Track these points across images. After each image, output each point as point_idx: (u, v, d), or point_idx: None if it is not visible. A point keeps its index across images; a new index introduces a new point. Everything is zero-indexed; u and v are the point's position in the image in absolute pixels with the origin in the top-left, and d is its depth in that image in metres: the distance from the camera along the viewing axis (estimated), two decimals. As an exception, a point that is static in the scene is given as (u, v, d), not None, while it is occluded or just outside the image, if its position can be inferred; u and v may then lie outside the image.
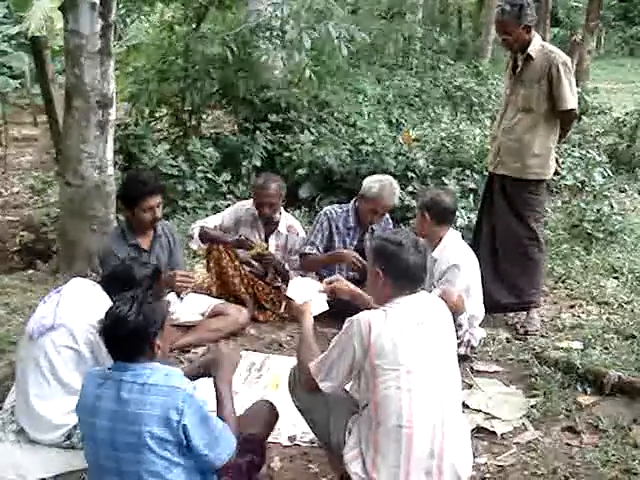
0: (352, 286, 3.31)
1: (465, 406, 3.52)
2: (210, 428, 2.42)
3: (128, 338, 2.39)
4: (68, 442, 3.03)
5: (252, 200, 4.95)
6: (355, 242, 4.87)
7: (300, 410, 2.94)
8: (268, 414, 2.92)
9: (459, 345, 3.84)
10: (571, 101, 4.39)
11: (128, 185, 4.24)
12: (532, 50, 4.40)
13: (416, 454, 2.54)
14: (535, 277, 4.66)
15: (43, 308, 3.12)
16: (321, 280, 3.52)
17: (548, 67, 4.35)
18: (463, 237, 4.42)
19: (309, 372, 2.74)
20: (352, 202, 4.90)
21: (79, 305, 3.08)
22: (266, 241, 4.96)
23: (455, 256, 4.11)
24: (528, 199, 4.58)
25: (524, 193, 4.57)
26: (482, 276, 4.34)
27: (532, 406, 3.67)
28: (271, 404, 2.97)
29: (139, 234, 4.23)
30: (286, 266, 4.95)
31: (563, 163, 6.57)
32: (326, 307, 3.15)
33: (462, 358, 3.59)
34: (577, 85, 5.12)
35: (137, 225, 4.19)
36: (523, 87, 4.46)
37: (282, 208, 5.04)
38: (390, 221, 5.04)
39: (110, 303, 3.11)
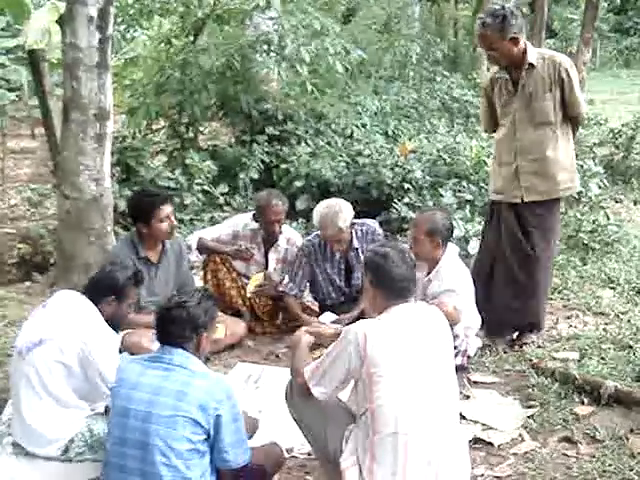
0: (332, 329, 3.28)
1: (462, 417, 3.52)
2: (238, 427, 2.60)
3: (182, 321, 2.61)
4: (65, 456, 3.01)
5: (251, 216, 4.94)
6: (342, 265, 4.70)
7: (296, 420, 2.95)
8: (279, 456, 3.00)
9: (456, 355, 3.83)
10: (584, 104, 4.22)
11: (138, 201, 4.30)
12: (532, 58, 4.07)
13: (413, 462, 2.55)
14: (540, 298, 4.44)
15: (30, 324, 3.08)
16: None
17: (556, 73, 4.06)
18: (458, 247, 4.41)
19: (303, 376, 2.77)
20: None
21: (66, 319, 3.04)
22: (266, 256, 4.95)
23: (450, 280, 3.98)
24: (553, 219, 4.32)
25: (551, 214, 4.27)
26: (481, 294, 4.26)
27: (529, 417, 3.67)
28: (281, 449, 3.05)
29: (150, 248, 4.27)
30: (286, 279, 4.91)
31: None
32: None
33: (459, 368, 3.59)
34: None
35: (154, 238, 4.24)
36: (534, 100, 4.10)
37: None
38: (380, 232, 4.78)
39: (98, 314, 3.10)
